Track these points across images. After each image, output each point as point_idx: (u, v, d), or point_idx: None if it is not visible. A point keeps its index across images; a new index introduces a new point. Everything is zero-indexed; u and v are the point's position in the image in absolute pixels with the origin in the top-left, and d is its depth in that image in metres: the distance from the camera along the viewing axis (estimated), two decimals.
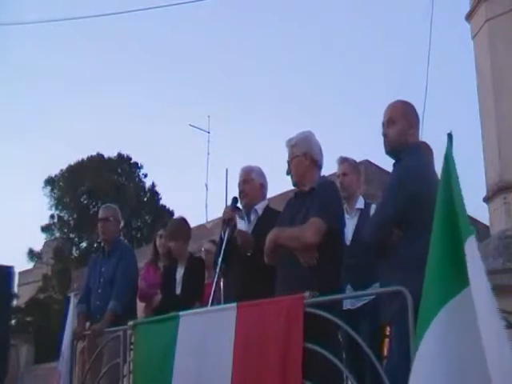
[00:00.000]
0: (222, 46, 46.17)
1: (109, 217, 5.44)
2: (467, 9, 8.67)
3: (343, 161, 4.80)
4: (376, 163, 11.43)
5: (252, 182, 4.45)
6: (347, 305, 4.25)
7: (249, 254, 4.09)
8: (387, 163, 3.55)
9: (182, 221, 5.45)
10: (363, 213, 4.56)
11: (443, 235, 2.32)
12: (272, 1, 45.65)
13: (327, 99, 46.24)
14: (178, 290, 5.12)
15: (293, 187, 4.02)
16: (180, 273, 5.19)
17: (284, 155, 3.93)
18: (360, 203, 4.69)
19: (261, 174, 4.53)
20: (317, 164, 3.86)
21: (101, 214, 5.50)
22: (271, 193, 4.93)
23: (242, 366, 3.32)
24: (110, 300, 5.05)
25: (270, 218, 4.09)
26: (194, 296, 4.96)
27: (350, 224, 4.49)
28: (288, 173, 3.88)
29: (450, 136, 2.48)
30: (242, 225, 4.33)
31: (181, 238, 5.23)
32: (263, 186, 4.52)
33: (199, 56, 46.36)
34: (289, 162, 3.87)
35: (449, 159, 2.41)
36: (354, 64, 44.93)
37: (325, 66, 46.07)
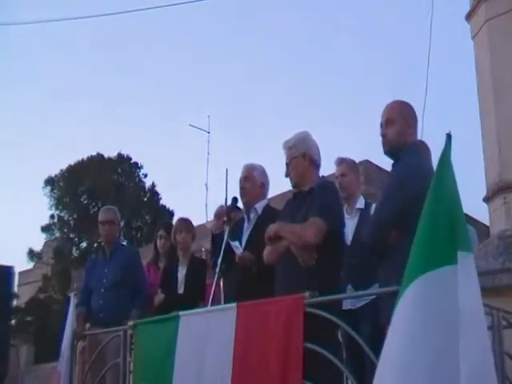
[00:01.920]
0: (222, 45, 46.21)
1: (114, 220, 5.49)
2: (467, 9, 8.66)
3: (341, 161, 4.78)
4: (376, 163, 11.44)
5: (253, 180, 4.45)
6: (348, 305, 4.25)
7: (254, 271, 4.09)
8: (387, 163, 3.56)
9: (188, 219, 5.57)
10: (364, 213, 4.55)
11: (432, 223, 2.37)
12: (272, 0, 45.68)
13: (327, 99, 46.26)
14: (181, 290, 5.14)
15: (292, 188, 4.01)
16: (182, 272, 5.21)
17: (283, 156, 3.93)
18: (360, 203, 4.68)
19: (263, 173, 4.53)
20: (315, 164, 3.87)
21: (106, 217, 5.48)
22: (271, 193, 4.94)
23: (242, 366, 3.32)
24: (113, 300, 5.10)
25: (269, 216, 4.09)
26: (197, 296, 4.98)
27: (351, 224, 4.49)
28: (287, 175, 3.88)
29: (448, 136, 2.48)
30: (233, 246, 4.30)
31: (190, 231, 5.34)
32: (264, 186, 4.52)
33: (199, 56, 46.40)
34: (287, 164, 3.87)
35: (445, 160, 2.42)
36: (353, 64, 44.95)
37: (325, 66, 46.08)
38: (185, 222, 5.48)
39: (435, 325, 2.23)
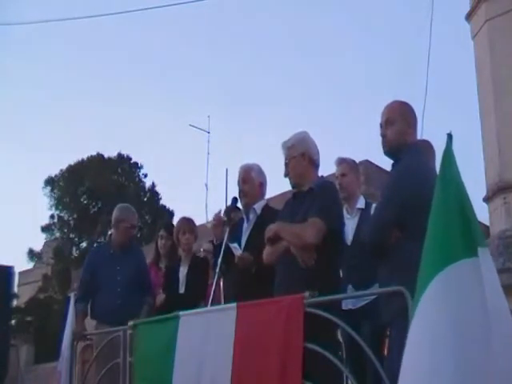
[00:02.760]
0: (222, 45, 46.21)
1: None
2: (467, 9, 8.69)
3: (341, 161, 4.77)
4: (376, 163, 11.44)
5: (251, 181, 4.44)
6: (348, 305, 4.25)
7: (253, 271, 4.08)
8: (387, 163, 3.55)
9: (191, 219, 5.54)
10: (364, 213, 4.54)
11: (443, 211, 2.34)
12: (272, 1, 45.68)
13: (327, 99, 46.25)
14: (182, 290, 5.13)
15: (292, 188, 4.01)
16: (183, 272, 5.19)
17: (283, 156, 3.93)
18: (361, 203, 4.67)
19: (260, 173, 4.52)
20: (314, 164, 3.87)
21: (136, 221, 5.53)
22: (271, 193, 4.93)
23: (242, 366, 3.31)
24: (128, 299, 5.09)
25: (268, 217, 4.09)
26: (198, 295, 4.97)
27: (351, 224, 4.48)
28: (286, 175, 3.88)
29: (449, 136, 2.48)
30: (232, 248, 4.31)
31: (193, 232, 5.31)
32: (262, 185, 4.51)
33: (199, 56, 46.40)
34: (286, 164, 3.87)
35: (448, 160, 2.42)
36: (353, 64, 44.95)
37: (325, 66, 46.09)
38: (188, 223, 5.43)
39: (464, 320, 2.18)
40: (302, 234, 3.51)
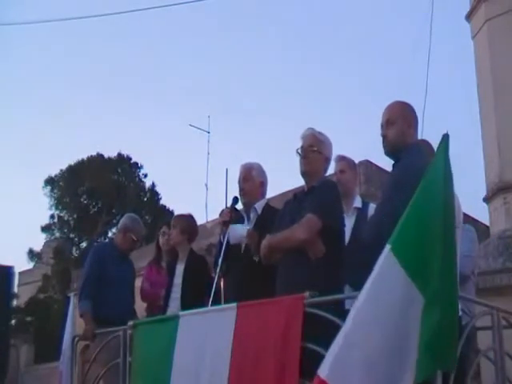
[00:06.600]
0: (222, 45, 46.22)
1: None
2: (467, 9, 8.68)
3: (341, 159, 4.79)
4: (376, 163, 11.43)
5: (252, 180, 4.45)
6: (346, 305, 4.24)
7: (256, 260, 4.09)
8: (387, 163, 3.56)
9: (178, 215, 5.53)
10: (361, 212, 4.55)
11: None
12: (272, 1, 45.70)
13: (327, 99, 46.27)
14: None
15: (293, 187, 4.03)
16: (179, 269, 5.13)
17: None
18: (357, 202, 4.68)
19: (261, 172, 4.53)
20: (325, 171, 3.96)
21: (142, 236, 5.68)
22: (271, 193, 4.93)
23: (241, 366, 3.31)
24: (132, 301, 5.37)
25: (269, 216, 4.10)
26: (195, 293, 4.93)
27: (348, 223, 4.47)
28: (302, 157, 3.85)
29: (445, 136, 2.47)
30: (238, 229, 4.32)
31: (178, 225, 5.19)
32: (263, 184, 4.52)
33: (199, 56, 46.41)
34: (308, 150, 3.84)
35: (442, 157, 2.44)
36: (353, 64, 44.97)
37: (324, 66, 46.10)
38: (174, 219, 5.45)
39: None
40: (292, 235, 3.55)
